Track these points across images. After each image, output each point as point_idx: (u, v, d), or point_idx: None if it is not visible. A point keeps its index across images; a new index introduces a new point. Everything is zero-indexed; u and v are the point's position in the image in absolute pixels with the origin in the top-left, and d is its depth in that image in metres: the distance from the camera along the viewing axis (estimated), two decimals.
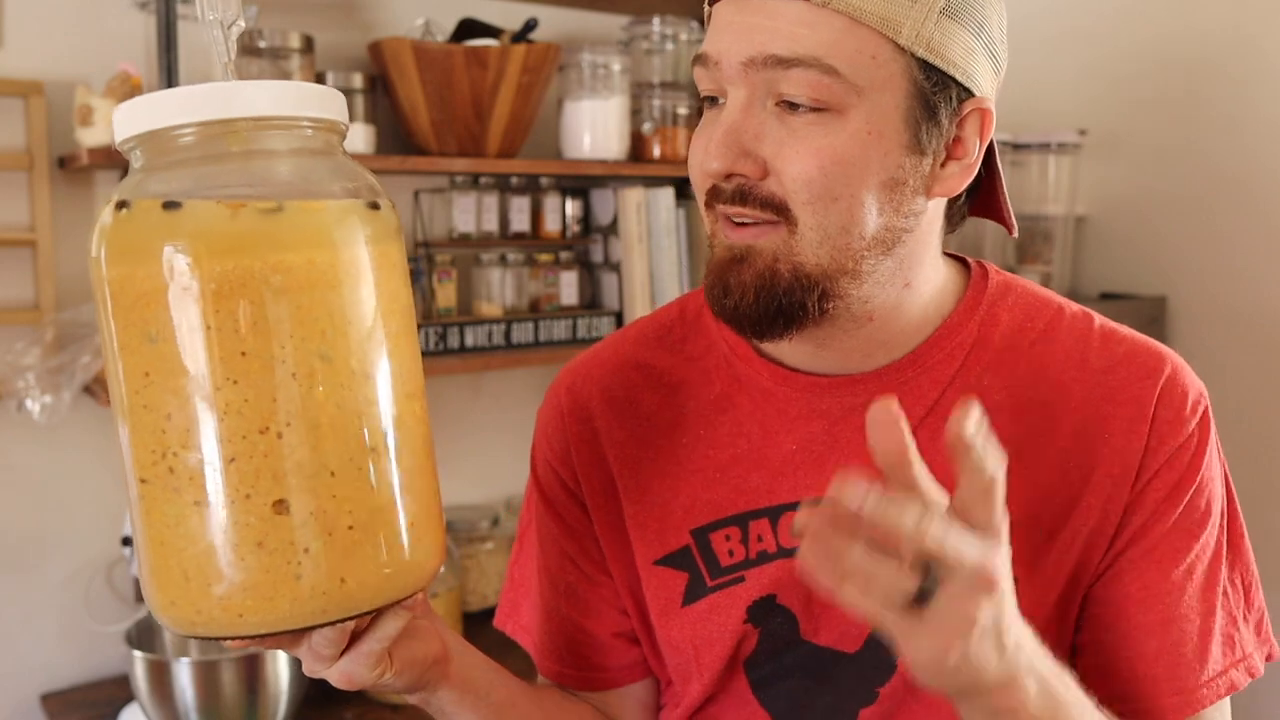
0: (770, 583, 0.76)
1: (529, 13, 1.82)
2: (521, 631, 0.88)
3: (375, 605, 0.56)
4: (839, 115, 0.66)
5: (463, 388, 1.94)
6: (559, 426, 0.85)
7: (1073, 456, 0.73)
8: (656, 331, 0.85)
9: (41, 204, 1.54)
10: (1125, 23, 2.14)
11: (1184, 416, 0.74)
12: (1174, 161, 2.09)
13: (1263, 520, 1.99)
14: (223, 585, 0.53)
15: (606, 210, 1.92)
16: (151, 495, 0.54)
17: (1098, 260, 2.23)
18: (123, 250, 0.54)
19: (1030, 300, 0.79)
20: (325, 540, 0.54)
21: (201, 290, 0.51)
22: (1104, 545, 0.74)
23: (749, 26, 0.66)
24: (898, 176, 0.68)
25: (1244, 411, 1.99)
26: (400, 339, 0.57)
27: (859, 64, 0.65)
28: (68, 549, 1.64)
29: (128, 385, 0.54)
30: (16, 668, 1.62)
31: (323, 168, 0.57)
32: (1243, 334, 2.00)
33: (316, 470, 0.53)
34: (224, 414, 0.52)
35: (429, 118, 1.66)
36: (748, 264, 0.69)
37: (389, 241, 0.57)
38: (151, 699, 1.35)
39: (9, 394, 1.49)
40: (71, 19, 1.57)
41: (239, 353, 0.52)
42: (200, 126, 0.53)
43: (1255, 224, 1.98)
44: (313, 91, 0.56)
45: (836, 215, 0.67)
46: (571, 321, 1.86)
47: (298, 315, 0.53)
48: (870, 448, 0.53)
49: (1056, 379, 0.75)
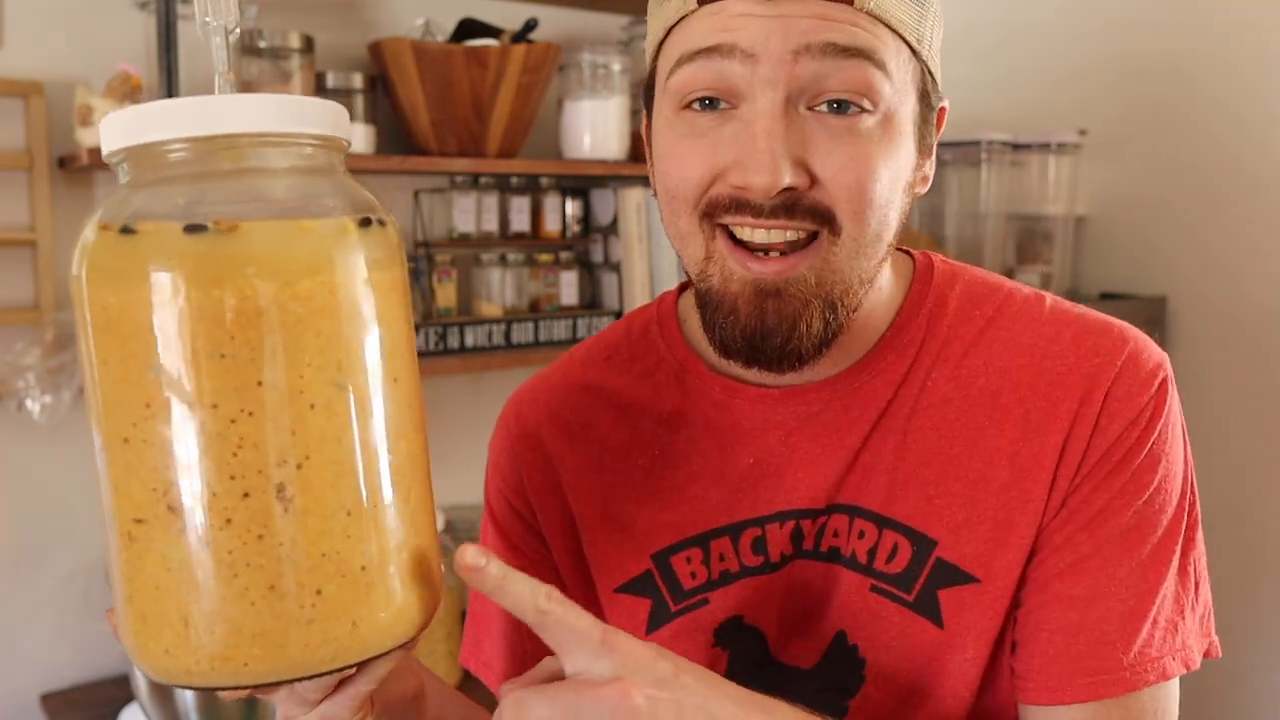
0: (735, 603, 0.74)
1: (529, 13, 1.83)
2: (484, 669, 0.85)
3: (385, 649, 0.53)
4: (884, 119, 0.64)
5: (463, 388, 1.94)
6: (510, 456, 0.82)
7: (1023, 446, 0.69)
8: (604, 352, 0.82)
9: (41, 204, 1.54)
10: (1125, 23, 2.14)
11: (1139, 386, 0.69)
12: (1174, 161, 2.09)
13: (1261, 520, 2.00)
14: (228, 632, 0.49)
15: (606, 210, 1.92)
16: (148, 536, 0.50)
17: (1098, 260, 2.23)
18: (117, 275, 0.49)
19: (977, 287, 0.75)
20: (339, 582, 0.50)
21: (214, 318, 0.48)
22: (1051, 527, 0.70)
23: (790, 17, 0.61)
24: (912, 179, 0.68)
25: (1243, 411, 1.99)
26: (407, 369, 0.54)
27: (899, 66, 0.64)
28: (68, 549, 1.64)
29: (123, 418, 0.49)
30: (16, 668, 1.62)
31: (324, 187, 0.54)
32: (1243, 334, 2.00)
33: (334, 509, 0.50)
34: (238, 448, 0.48)
35: (429, 118, 1.66)
36: (786, 299, 0.64)
37: (395, 266, 0.54)
38: (151, 699, 1.35)
39: (9, 394, 1.49)
40: (71, 19, 1.57)
41: (255, 383, 0.48)
42: (194, 142, 0.50)
43: (1255, 224, 1.98)
44: (315, 106, 0.52)
45: (876, 223, 0.65)
46: (571, 321, 1.86)
47: (317, 344, 0.49)
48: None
49: (1004, 366, 0.71)
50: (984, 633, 0.70)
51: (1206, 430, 2.04)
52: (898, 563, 0.71)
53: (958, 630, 0.70)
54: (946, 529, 0.70)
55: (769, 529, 0.73)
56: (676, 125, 0.66)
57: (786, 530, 0.73)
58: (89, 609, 1.65)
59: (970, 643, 0.70)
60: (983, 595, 0.69)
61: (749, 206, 0.63)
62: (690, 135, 0.65)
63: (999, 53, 2.32)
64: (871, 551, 0.72)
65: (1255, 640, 1.99)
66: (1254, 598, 1.98)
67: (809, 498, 0.72)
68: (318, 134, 0.52)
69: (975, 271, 0.78)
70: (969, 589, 0.70)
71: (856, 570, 0.72)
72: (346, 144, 0.55)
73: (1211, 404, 2.02)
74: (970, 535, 0.70)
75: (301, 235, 0.50)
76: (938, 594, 0.70)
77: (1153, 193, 2.13)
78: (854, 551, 0.72)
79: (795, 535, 0.73)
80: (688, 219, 0.66)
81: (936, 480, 0.70)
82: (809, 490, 0.72)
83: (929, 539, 0.70)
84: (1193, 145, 2.05)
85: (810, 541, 0.73)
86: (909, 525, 0.71)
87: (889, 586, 0.71)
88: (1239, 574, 1.98)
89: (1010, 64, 2.31)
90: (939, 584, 0.70)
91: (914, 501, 0.71)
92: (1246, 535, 1.96)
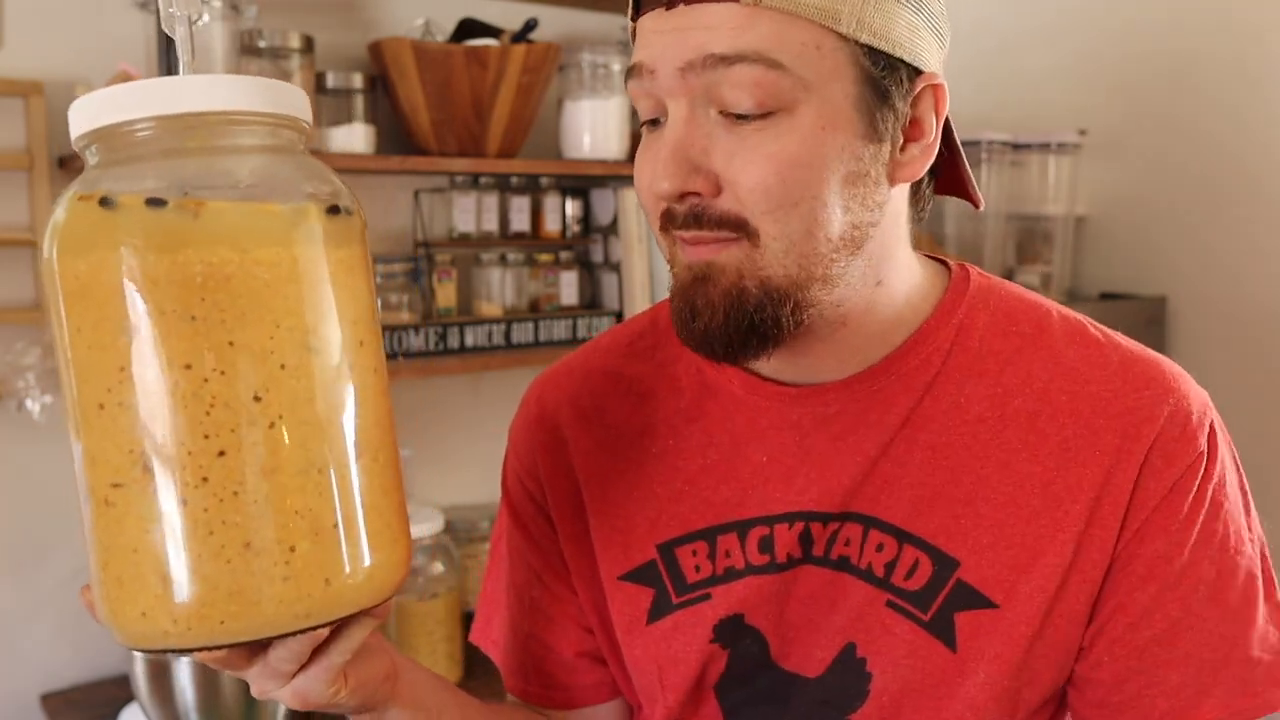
0: (738, 601, 0.73)
1: (529, 13, 1.82)
2: (492, 646, 0.86)
3: (357, 607, 0.54)
4: (789, 115, 0.62)
5: (463, 388, 1.94)
6: (527, 437, 0.83)
7: (1058, 475, 0.68)
8: (628, 339, 0.82)
9: (41, 204, 1.54)
10: (1126, 23, 2.14)
11: (1192, 430, 0.68)
12: (1174, 161, 2.09)
13: (1262, 520, 1.99)
14: (204, 589, 0.50)
15: (606, 210, 1.92)
16: (125, 500, 0.51)
17: (1097, 260, 2.23)
18: (84, 245, 0.51)
19: (1014, 303, 0.74)
20: (312, 540, 0.52)
21: (184, 282, 0.50)
22: (1096, 576, 0.68)
23: (681, 30, 0.62)
24: (858, 169, 0.64)
25: (1243, 411, 1.99)
26: (372, 335, 0.57)
27: (803, 56, 0.61)
28: (68, 549, 1.64)
29: (98, 384, 0.51)
30: (16, 668, 1.62)
31: (286, 166, 0.56)
32: (1243, 334, 2.00)
33: (305, 467, 0.52)
34: (211, 406, 0.50)
35: (429, 118, 1.66)
36: (712, 282, 0.65)
37: (355, 243, 0.56)
38: (151, 699, 1.35)
39: (9, 394, 1.49)
40: (71, 19, 1.57)
41: (226, 343, 0.50)
42: (155, 121, 0.52)
43: (1255, 224, 1.98)
44: (270, 86, 0.54)
45: (799, 221, 0.63)
46: (571, 321, 1.86)
47: (284, 307, 0.51)
48: None
49: (1043, 389, 0.70)
50: (997, 659, 0.68)
51: None
52: (916, 579, 0.70)
53: (970, 655, 0.69)
54: (970, 550, 0.69)
55: (777, 529, 0.73)
56: (644, 137, 0.68)
57: (795, 532, 0.72)
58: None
59: (983, 668, 0.69)
60: (1000, 621, 0.68)
61: (675, 217, 0.65)
62: (645, 149, 0.68)
63: (999, 53, 2.32)
64: (890, 565, 0.70)
65: None
66: None
67: (820, 500, 0.72)
68: (277, 113, 0.55)
69: (1013, 288, 0.76)
70: (987, 614, 0.68)
71: (872, 583, 0.71)
72: (307, 124, 0.57)
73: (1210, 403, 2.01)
74: (994, 559, 0.68)
75: (264, 212, 0.53)
76: (954, 616, 0.69)
77: (1153, 193, 2.13)
78: (870, 564, 0.71)
79: (804, 538, 0.72)
80: (656, 228, 0.68)
81: (965, 500, 0.69)
82: (820, 492, 0.72)
83: (952, 559, 0.69)
84: (1193, 145, 2.05)
85: (820, 548, 0.72)
86: (932, 543, 0.69)
87: (905, 603, 0.70)
88: None
89: (1010, 64, 2.31)
90: (957, 606, 0.69)
91: (940, 519, 0.69)
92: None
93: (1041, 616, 0.68)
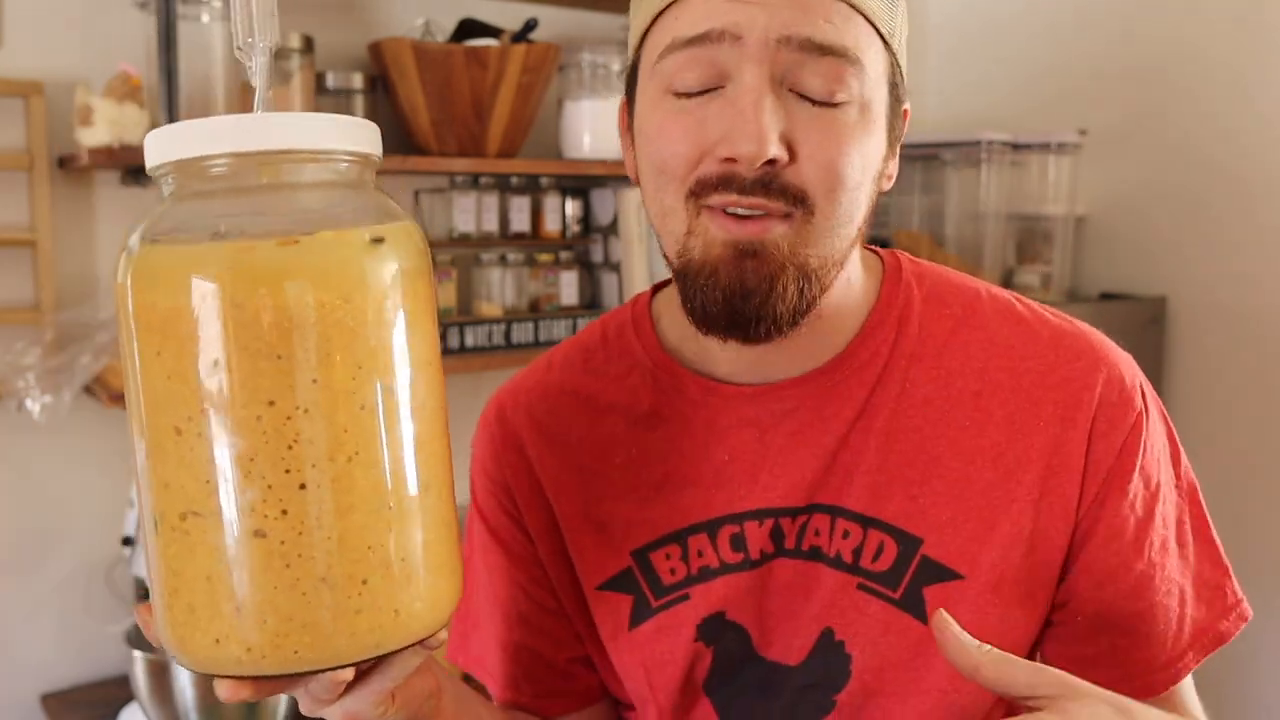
0: (718, 599, 0.75)
1: (529, 13, 1.83)
2: (473, 664, 0.86)
3: (423, 635, 0.56)
4: (850, 107, 0.66)
5: (463, 388, 1.94)
6: (493, 456, 0.83)
7: (1008, 448, 0.71)
8: (580, 355, 0.83)
9: (41, 204, 1.54)
10: (1125, 23, 2.14)
11: (1128, 394, 0.72)
12: (1174, 161, 2.09)
13: (1262, 520, 2.00)
14: (279, 621, 0.51)
15: (606, 210, 1.92)
16: (201, 528, 0.52)
17: (1098, 260, 2.23)
18: (167, 277, 0.52)
19: (944, 286, 0.77)
20: (383, 573, 0.53)
21: (261, 324, 0.50)
22: (1060, 540, 0.72)
23: (769, 5, 0.64)
24: (880, 170, 0.70)
25: (1243, 411, 1.99)
26: (437, 371, 0.58)
27: (873, 60, 0.66)
28: (68, 549, 1.64)
29: (175, 411, 0.52)
30: (16, 668, 1.62)
31: (367, 203, 0.57)
32: (1243, 334, 2.00)
33: (378, 505, 0.53)
34: (294, 442, 0.51)
35: (429, 118, 1.66)
36: (763, 259, 0.65)
37: (424, 277, 0.57)
38: (151, 699, 1.35)
39: (9, 394, 1.49)
40: (71, 19, 1.57)
41: (310, 381, 0.51)
42: (236, 158, 0.53)
43: (1255, 224, 1.98)
44: (351, 125, 0.55)
45: (847, 204, 0.66)
46: (571, 321, 1.86)
47: (366, 349, 0.52)
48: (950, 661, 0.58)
49: (982, 367, 0.73)
50: (967, 626, 0.69)
51: (1206, 430, 2.05)
52: (883, 561, 0.72)
53: None
54: (931, 527, 0.72)
55: (747, 526, 0.74)
56: (664, 105, 0.67)
57: (766, 528, 0.74)
58: (89, 609, 1.65)
59: None
60: (967, 590, 0.71)
61: (734, 181, 0.64)
62: (678, 113, 0.67)
63: (1000, 53, 2.32)
64: (857, 551, 0.73)
65: (1254, 640, 1.99)
66: (1252, 597, 1.98)
67: (786, 496, 0.73)
68: (355, 150, 0.56)
69: (942, 270, 0.79)
70: (954, 585, 0.71)
71: (841, 569, 0.73)
72: (378, 160, 0.58)
73: (1211, 404, 2.02)
74: (955, 533, 0.71)
75: (352, 254, 0.53)
76: (923, 590, 0.71)
77: (1153, 193, 2.13)
78: (839, 551, 0.73)
79: (775, 534, 0.74)
80: (674, 196, 0.67)
81: (920, 480, 0.72)
82: (786, 488, 0.73)
83: (915, 537, 0.72)
84: (1193, 145, 2.05)
85: (791, 540, 0.74)
86: (894, 525, 0.72)
87: (875, 584, 0.72)
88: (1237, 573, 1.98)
89: (1011, 64, 2.31)
90: (924, 581, 0.72)
91: (899, 502, 0.72)
92: (1246, 535, 1.96)
93: (1008, 582, 0.71)
